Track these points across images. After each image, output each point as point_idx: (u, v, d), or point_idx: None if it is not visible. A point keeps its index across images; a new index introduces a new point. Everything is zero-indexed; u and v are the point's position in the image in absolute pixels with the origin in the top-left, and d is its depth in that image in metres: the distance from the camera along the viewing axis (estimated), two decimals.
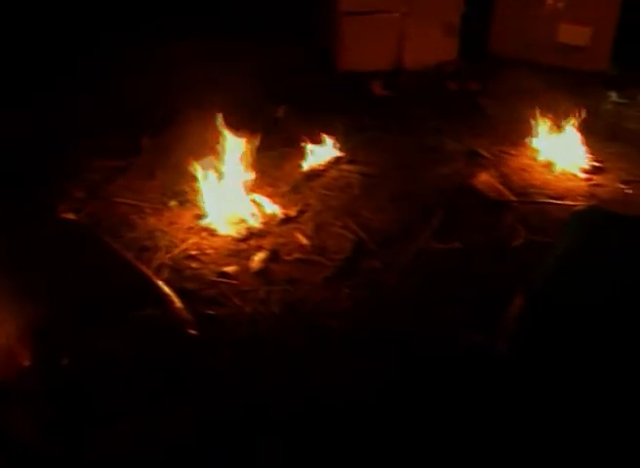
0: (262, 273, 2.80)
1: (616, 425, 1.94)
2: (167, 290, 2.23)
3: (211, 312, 2.55)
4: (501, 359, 2.12)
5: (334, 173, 3.54)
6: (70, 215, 3.04)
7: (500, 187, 3.44)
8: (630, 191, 3.61)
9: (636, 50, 5.22)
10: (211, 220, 3.09)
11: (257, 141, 3.24)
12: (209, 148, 3.22)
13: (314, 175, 3.50)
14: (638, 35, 5.32)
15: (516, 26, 5.04)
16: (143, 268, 2.35)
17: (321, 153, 3.61)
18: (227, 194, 3.15)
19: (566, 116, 3.96)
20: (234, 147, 3.20)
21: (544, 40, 5.01)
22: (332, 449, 2.03)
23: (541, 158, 3.83)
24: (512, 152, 3.86)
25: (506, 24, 5.09)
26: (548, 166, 3.75)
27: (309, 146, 3.61)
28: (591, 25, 5.02)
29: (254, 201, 3.18)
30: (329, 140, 3.66)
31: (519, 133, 3.94)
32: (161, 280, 2.46)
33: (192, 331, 2.14)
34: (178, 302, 2.21)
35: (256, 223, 3.09)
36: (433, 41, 4.81)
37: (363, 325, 2.56)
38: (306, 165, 3.55)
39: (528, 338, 2.01)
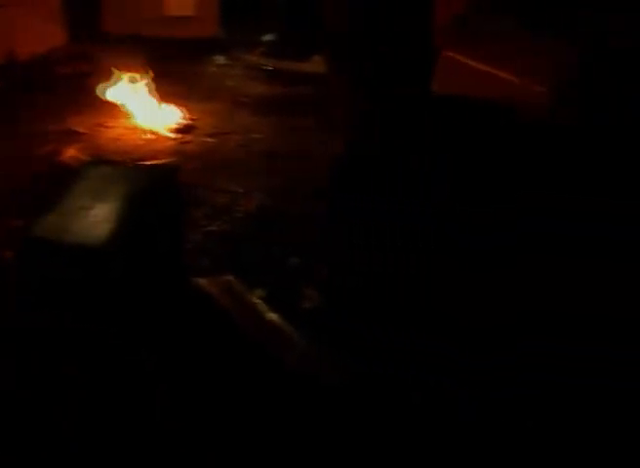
0: None
1: None
2: None
3: None
4: None
5: None
6: None
7: (88, 159, 3.83)
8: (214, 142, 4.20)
9: (242, 14, 5.83)
10: None
11: None
12: None
13: None
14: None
15: (125, 3, 5.43)
16: None
17: None
18: None
19: (167, 83, 4.47)
20: None
21: (153, 14, 5.45)
22: None
23: (138, 125, 4.30)
24: (110, 124, 4.30)
25: (116, 3, 5.46)
26: (143, 132, 4.23)
27: None
28: None
29: None
30: None
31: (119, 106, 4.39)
32: None
33: None
34: None
35: None
36: (41, 30, 5.07)
37: None
38: None
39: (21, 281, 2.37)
